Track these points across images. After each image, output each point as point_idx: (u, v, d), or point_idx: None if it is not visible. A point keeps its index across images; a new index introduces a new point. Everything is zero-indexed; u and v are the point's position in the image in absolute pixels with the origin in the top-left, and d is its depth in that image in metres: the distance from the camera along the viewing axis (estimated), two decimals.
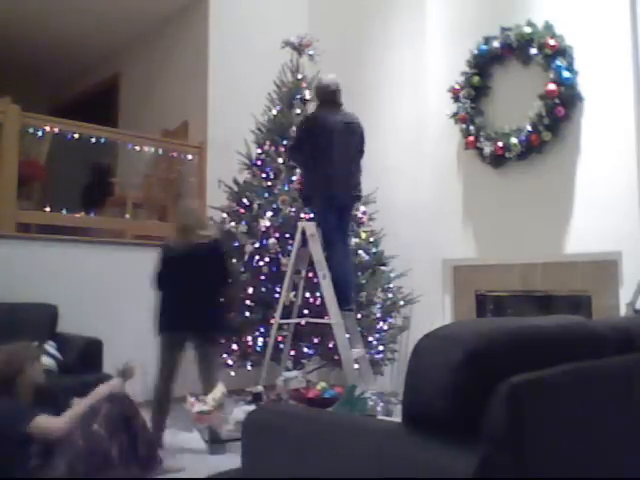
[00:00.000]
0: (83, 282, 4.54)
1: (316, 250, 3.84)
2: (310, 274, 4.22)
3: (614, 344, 1.63)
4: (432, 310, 4.67)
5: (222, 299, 3.94)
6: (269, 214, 4.39)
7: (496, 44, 4.46)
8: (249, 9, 5.86)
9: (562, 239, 4.13)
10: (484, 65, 4.57)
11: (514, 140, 4.25)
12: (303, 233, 3.94)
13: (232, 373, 4.44)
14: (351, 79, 5.62)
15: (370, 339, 4.39)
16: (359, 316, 4.23)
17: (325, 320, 3.83)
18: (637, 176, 3.81)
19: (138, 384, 3.20)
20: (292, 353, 4.26)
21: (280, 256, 4.28)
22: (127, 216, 5.45)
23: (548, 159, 4.21)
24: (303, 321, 4.08)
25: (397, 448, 1.32)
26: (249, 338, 4.29)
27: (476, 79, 4.58)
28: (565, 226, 4.12)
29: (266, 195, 4.50)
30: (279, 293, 4.17)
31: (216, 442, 3.18)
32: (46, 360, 3.71)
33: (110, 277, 4.69)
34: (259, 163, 4.68)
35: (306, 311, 4.19)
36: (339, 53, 5.57)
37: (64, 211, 4.92)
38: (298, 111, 4.69)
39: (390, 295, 4.56)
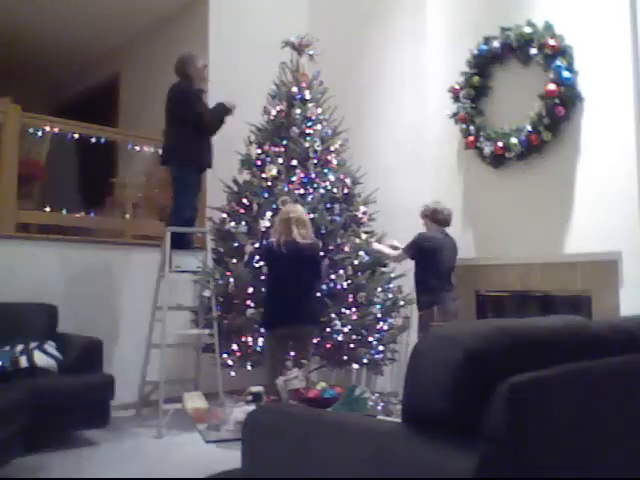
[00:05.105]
0: (83, 282, 4.54)
1: None
2: None
3: (614, 344, 1.63)
4: None
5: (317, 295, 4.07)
6: (269, 214, 4.38)
7: (496, 44, 4.47)
8: (249, 9, 5.86)
9: (562, 239, 4.13)
10: (484, 65, 4.57)
11: (514, 140, 4.25)
12: None
13: (232, 373, 4.44)
14: (351, 79, 5.64)
15: (370, 339, 4.38)
16: (354, 317, 4.23)
17: None
18: (637, 176, 3.80)
19: None
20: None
21: None
22: (127, 216, 5.45)
23: (548, 159, 4.21)
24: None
25: (397, 448, 1.32)
26: (249, 338, 4.29)
27: (476, 79, 4.58)
28: (565, 226, 4.12)
29: (266, 195, 4.50)
30: None
31: None
32: (46, 360, 3.72)
33: (110, 277, 4.69)
34: (259, 163, 4.68)
35: None
36: (339, 53, 5.57)
37: (64, 211, 4.92)
38: (298, 111, 4.69)
39: (390, 295, 4.56)
